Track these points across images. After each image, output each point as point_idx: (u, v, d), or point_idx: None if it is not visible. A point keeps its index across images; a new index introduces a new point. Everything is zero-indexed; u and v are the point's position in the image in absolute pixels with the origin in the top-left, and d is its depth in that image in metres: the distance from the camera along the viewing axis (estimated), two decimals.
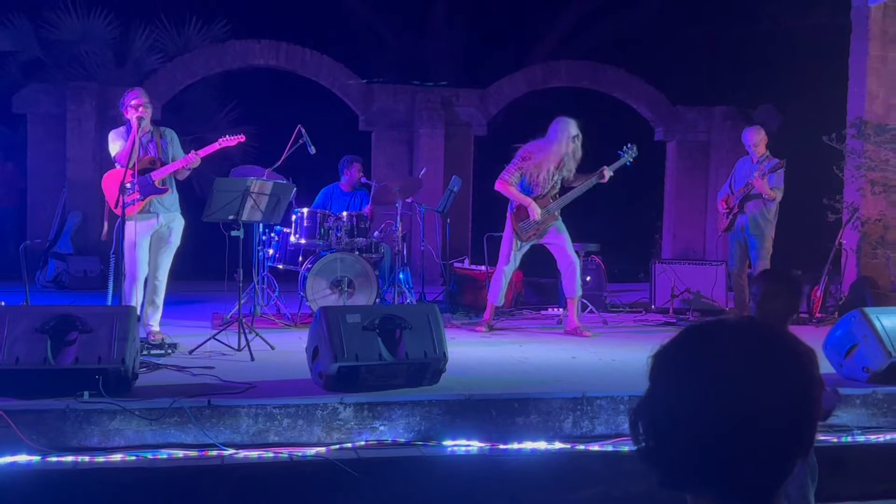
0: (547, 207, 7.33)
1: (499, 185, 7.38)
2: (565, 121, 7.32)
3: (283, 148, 7.59)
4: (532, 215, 7.28)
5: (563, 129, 7.29)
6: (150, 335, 6.38)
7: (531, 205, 7.28)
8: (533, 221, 7.31)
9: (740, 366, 1.16)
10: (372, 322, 4.99)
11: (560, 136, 7.27)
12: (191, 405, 4.47)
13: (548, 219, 7.36)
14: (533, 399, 4.89)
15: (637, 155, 7.49)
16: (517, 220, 7.35)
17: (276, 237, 8.09)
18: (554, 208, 7.37)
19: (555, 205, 7.37)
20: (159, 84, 11.57)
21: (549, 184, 7.36)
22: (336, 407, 4.64)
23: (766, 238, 8.07)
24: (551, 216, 7.38)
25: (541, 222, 7.32)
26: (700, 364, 1.17)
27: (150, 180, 6.34)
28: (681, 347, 1.21)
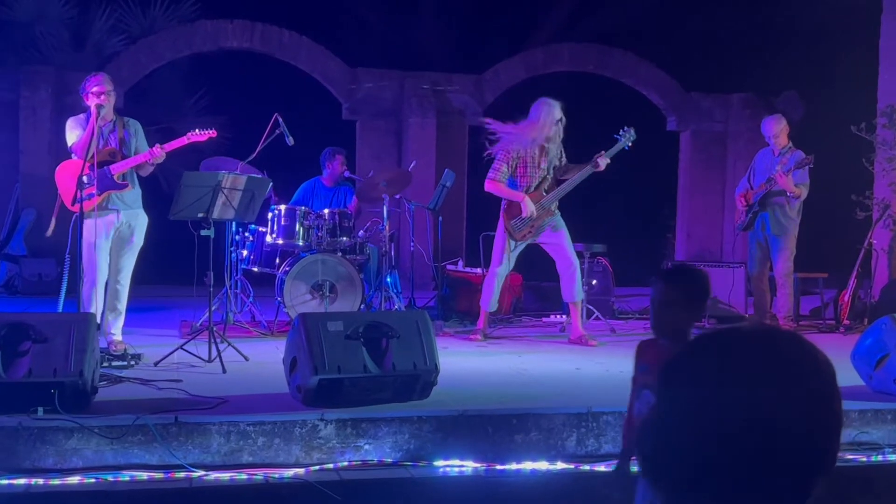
0: (540, 202, 7.34)
1: (489, 185, 7.42)
2: (548, 102, 7.37)
3: (258, 139, 7.58)
4: (524, 211, 7.29)
5: (547, 111, 7.31)
6: (111, 345, 6.36)
7: (523, 200, 7.30)
8: (526, 218, 7.32)
9: (756, 377, 1.16)
10: (356, 330, 4.98)
11: (543, 119, 7.29)
12: (156, 422, 4.45)
13: (542, 214, 7.37)
14: (533, 414, 4.88)
15: (635, 138, 7.48)
16: (509, 218, 7.37)
17: (250, 237, 8.08)
18: (548, 202, 7.39)
19: (548, 198, 7.39)
20: (122, 68, 11.55)
21: (537, 173, 7.37)
22: (316, 424, 4.63)
23: (789, 238, 8.09)
24: (546, 211, 7.39)
25: (535, 218, 7.33)
26: (712, 376, 1.17)
27: (108, 174, 6.32)
28: (691, 358, 1.21)
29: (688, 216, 13.39)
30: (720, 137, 13.33)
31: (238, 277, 8.06)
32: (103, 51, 12.14)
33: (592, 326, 8.29)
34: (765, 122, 8.30)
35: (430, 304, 9.08)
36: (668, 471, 1.17)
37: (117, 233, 6.47)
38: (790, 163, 7.98)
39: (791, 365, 1.18)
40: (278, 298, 7.78)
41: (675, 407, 1.19)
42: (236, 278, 8.02)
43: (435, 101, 12.22)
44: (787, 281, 8.17)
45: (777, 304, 8.35)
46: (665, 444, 1.18)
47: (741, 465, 1.13)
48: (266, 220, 7.85)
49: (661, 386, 1.22)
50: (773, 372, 1.16)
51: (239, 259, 8.06)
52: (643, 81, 13.23)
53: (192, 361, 6.06)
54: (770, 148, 8.27)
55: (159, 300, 9.40)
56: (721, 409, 1.15)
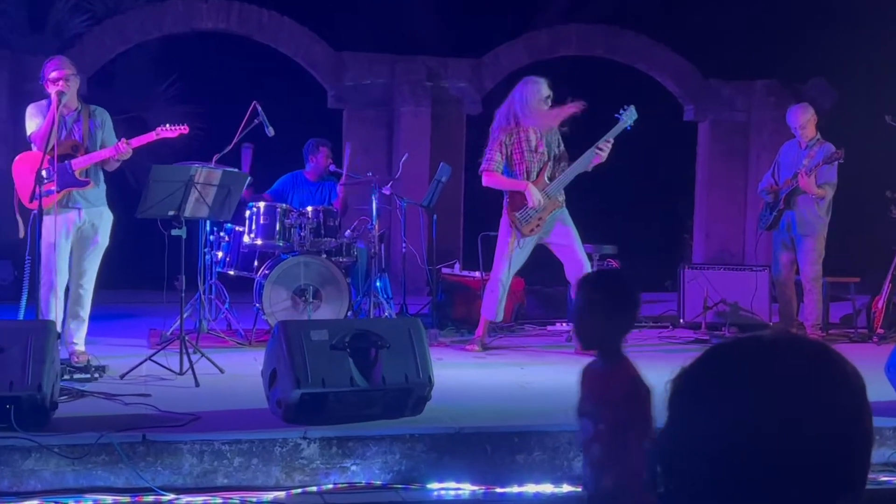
0: (545, 190, 7.34)
1: (486, 178, 7.43)
2: (532, 79, 7.43)
3: (234, 129, 7.57)
4: (530, 200, 7.28)
5: (533, 89, 7.34)
6: (73, 356, 6.35)
7: (528, 188, 7.29)
8: (532, 209, 7.31)
9: (778, 391, 1.16)
10: (342, 340, 4.98)
11: (529, 98, 7.31)
12: (122, 441, 4.45)
13: (550, 205, 7.37)
14: (536, 432, 4.89)
15: (637, 118, 7.47)
16: (514, 210, 7.36)
17: (226, 237, 8.08)
18: (553, 191, 7.39)
19: (554, 185, 7.39)
20: (85, 52, 11.53)
21: (536, 158, 7.37)
22: (298, 442, 4.62)
23: (818, 239, 8.10)
24: (553, 201, 7.39)
25: (542, 209, 7.32)
26: (729, 390, 1.17)
27: (69, 169, 6.31)
28: (706, 370, 1.21)
29: (706, 214, 13.40)
30: (742, 128, 13.34)
31: (212, 282, 8.05)
32: (64, 33, 12.12)
33: None
34: (791, 111, 8.32)
35: (424, 311, 9.07)
36: (682, 490, 1.17)
37: (79, 232, 6.46)
38: (818, 157, 7.99)
39: (816, 377, 1.18)
40: (256, 305, 7.78)
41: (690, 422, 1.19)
42: (210, 282, 8.02)
43: (430, 87, 12.22)
44: (815, 286, 8.18)
45: (804, 312, 8.35)
46: (678, 461, 1.17)
47: (760, 484, 1.13)
48: (243, 218, 7.85)
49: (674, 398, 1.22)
50: (797, 385, 1.16)
51: (213, 261, 8.05)
52: (658, 67, 13.24)
53: (162, 374, 6.06)
54: (796, 140, 8.27)
55: (126, 307, 9.39)
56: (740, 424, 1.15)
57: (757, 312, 8.99)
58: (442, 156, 10.73)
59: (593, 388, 3.11)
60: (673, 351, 7.91)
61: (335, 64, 12.34)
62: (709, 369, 1.22)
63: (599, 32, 13.14)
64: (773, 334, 1.24)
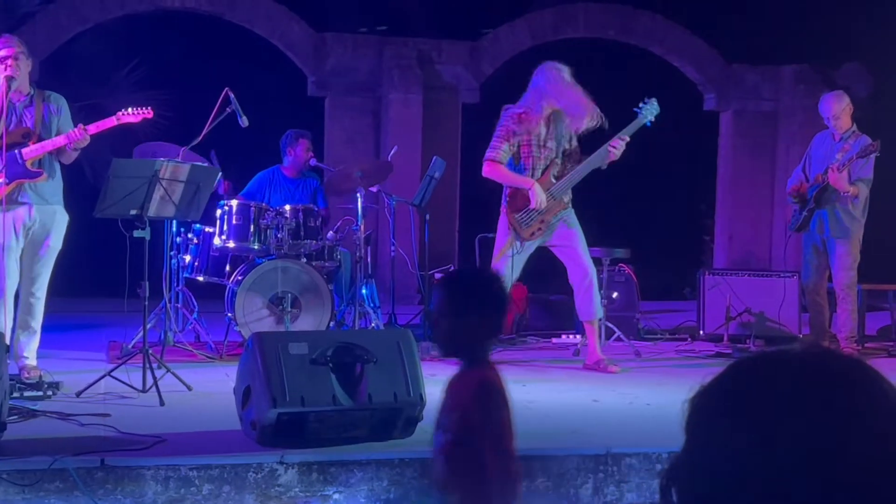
0: (550, 190, 7.34)
1: (487, 168, 7.38)
2: (553, 65, 7.38)
3: (204, 119, 7.57)
4: (533, 201, 7.28)
5: (555, 76, 7.32)
6: (23, 371, 6.34)
7: (533, 187, 7.28)
8: (535, 210, 7.31)
9: (808, 412, 1.16)
10: (323, 353, 4.98)
11: (552, 85, 7.28)
12: (78, 465, 4.44)
13: (554, 206, 7.36)
14: (540, 457, 4.89)
15: (658, 112, 7.48)
16: (513, 211, 7.36)
17: (194, 239, 8.08)
18: (559, 191, 7.37)
19: (559, 185, 7.37)
20: (37, 32, 11.54)
21: (544, 154, 7.36)
22: (275, 468, 4.62)
23: (852, 242, 8.11)
24: (558, 203, 7.38)
25: (545, 211, 7.32)
26: (753, 410, 1.17)
27: (19, 159, 6.30)
28: (727, 389, 1.21)
29: (729, 214, 13.43)
30: (769, 118, 13.38)
31: (179, 289, 8.06)
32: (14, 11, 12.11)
33: (613, 349, 8.31)
34: (823, 100, 8.33)
35: (415, 322, 9.08)
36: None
37: (30, 233, 6.45)
38: (853, 150, 8.00)
39: (850, 397, 1.18)
40: (228, 314, 7.78)
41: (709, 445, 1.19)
42: (177, 290, 8.02)
43: (421, 73, 12.24)
44: (849, 294, 8.19)
45: (837, 322, 8.37)
46: (696, 487, 1.18)
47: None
48: (213, 218, 7.85)
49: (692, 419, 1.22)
50: (829, 405, 1.16)
51: (180, 266, 8.06)
52: (675, 51, 13.28)
53: (123, 391, 6.05)
54: (830, 131, 8.29)
55: (82, 316, 9.38)
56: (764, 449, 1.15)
57: (785, 323, 9.01)
58: (435, 149, 10.74)
59: (447, 398, 3.12)
60: (692, 366, 7.92)
61: (316, 46, 12.36)
62: (730, 387, 1.22)
63: (610, 12, 13.17)
64: (802, 348, 1.24)
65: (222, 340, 7.83)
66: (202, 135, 7.55)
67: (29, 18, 11.83)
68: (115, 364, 6.41)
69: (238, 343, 7.68)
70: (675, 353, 8.60)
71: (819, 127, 8.61)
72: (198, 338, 8.04)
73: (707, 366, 7.96)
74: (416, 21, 13.77)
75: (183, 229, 8.06)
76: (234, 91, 7.56)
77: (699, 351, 8.67)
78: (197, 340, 8.00)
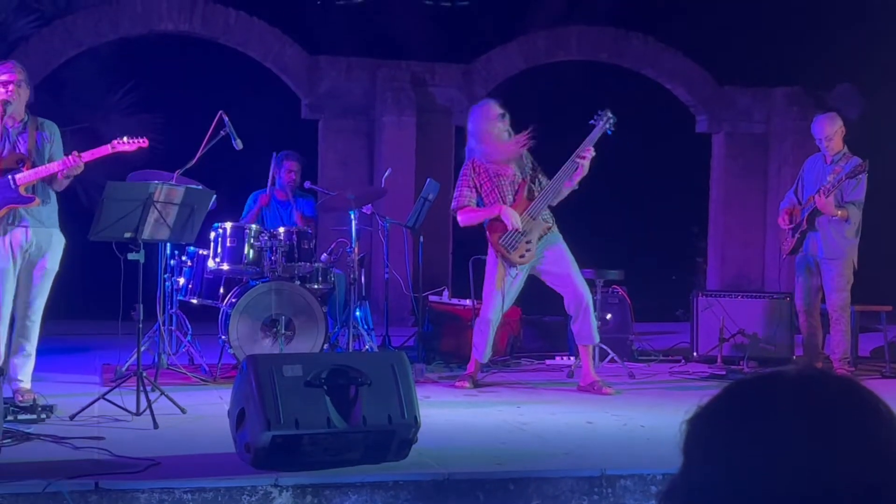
0: (527, 210, 7.39)
1: (461, 216, 7.64)
2: (480, 104, 7.74)
3: (198, 142, 7.59)
4: (507, 222, 7.34)
5: (481, 113, 7.57)
6: (17, 394, 6.33)
7: (502, 210, 7.38)
8: (514, 232, 7.36)
9: (806, 433, 1.16)
10: (318, 376, 4.99)
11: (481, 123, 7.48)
12: (72, 489, 4.44)
13: (534, 227, 7.40)
14: (535, 479, 4.89)
15: (616, 120, 7.55)
16: (497, 237, 7.41)
17: (188, 262, 8.09)
18: (536, 210, 7.43)
19: (534, 206, 7.43)
20: (31, 56, 11.54)
21: (507, 181, 7.48)
22: (269, 491, 4.62)
23: (846, 263, 8.13)
24: (537, 223, 7.42)
25: (528, 231, 7.37)
26: (751, 432, 1.17)
27: (12, 184, 6.31)
28: (725, 410, 1.22)
29: (722, 236, 13.45)
30: (761, 140, 13.42)
31: (173, 311, 8.05)
32: (8, 35, 12.13)
33: (607, 370, 8.31)
34: (816, 121, 8.36)
35: (409, 344, 9.09)
36: None
37: (25, 256, 6.45)
38: (844, 172, 8.03)
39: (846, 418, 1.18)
40: (222, 337, 7.77)
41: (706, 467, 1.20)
42: (171, 312, 8.02)
43: (414, 95, 12.27)
44: (842, 315, 8.21)
45: (831, 344, 8.39)
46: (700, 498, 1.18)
47: None
48: (207, 240, 7.86)
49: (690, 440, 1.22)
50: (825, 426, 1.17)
51: (174, 289, 8.06)
52: (667, 73, 13.33)
53: (117, 414, 6.04)
54: (822, 154, 8.32)
55: (76, 339, 9.36)
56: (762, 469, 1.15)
57: (778, 345, 9.01)
58: (429, 171, 10.77)
59: None
60: (686, 388, 7.92)
61: (310, 69, 12.39)
62: (727, 409, 1.22)
63: (603, 35, 13.22)
64: (798, 370, 1.24)
65: (216, 363, 7.83)
66: (196, 158, 7.56)
67: (22, 42, 11.84)
68: (108, 387, 6.41)
69: (232, 366, 7.68)
70: (668, 375, 8.60)
71: (811, 149, 8.64)
72: (191, 360, 8.03)
73: (701, 388, 8.00)
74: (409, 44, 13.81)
75: (177, 252, 8.07)
76: (228, 114, 7.58)
77: (693, 372, 8.67)
78: (191, 363, 7.99)
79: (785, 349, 9.01)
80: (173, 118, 11.79)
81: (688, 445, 1.23)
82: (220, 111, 7.56)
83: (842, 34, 13.29)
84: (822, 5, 13.98)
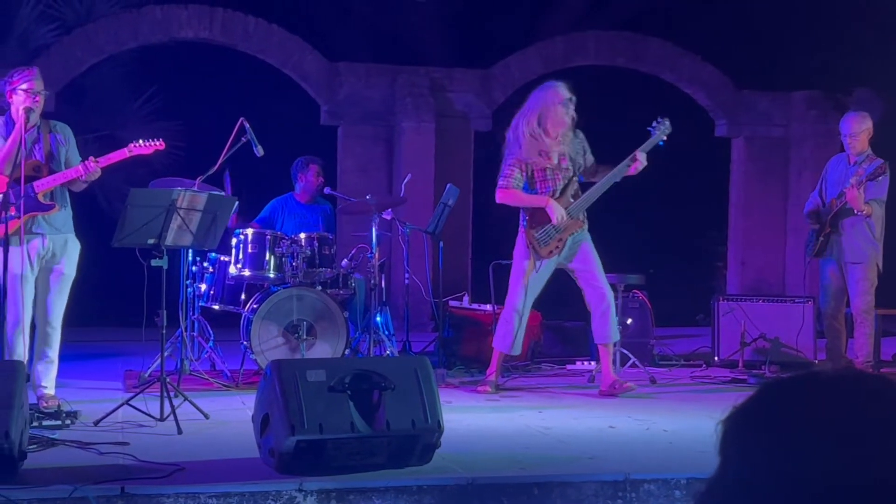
0: (567, 209, 7.37)
1: (500, 195, 7.45)
2: (548, 84, 7.49)
3: (218, 149, 7.61)
4: (553, 217, 7.30)
5: (550, 94, 7.39)
6: (41, 400, 6.36)
7: (549, 203, 7.32)
8: (553, 227, 7.33)
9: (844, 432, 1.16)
10: (341, 381, 4.99)
11: (547, 104, 7.34)
12: (98, 494, 4.45)
13: (571, 226, 7.39)
14: (558, 483, 4.88)
15: (671, 131, 7.52)
16: (533, 230, 7.39)
17: (210, 268, 8.11)
18: (576, 210, 7.41)
19: (577, 205, 7.41)
20: (53, 64, 11.60)
21: (560, 176, 7.40)
22: (294, 495, 4.62)
23: (870, 266, 8.11)
24: (575, 222, 7.42)
25: (563, 229, 7.35)
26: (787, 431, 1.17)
27: (31, 192, 6.33)
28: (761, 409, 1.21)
29: (742, 240, 13.41)
30: (780, 144, 13.38)
31: (195, 317, 8.07)
32: (30, 43, 12.20)
33: (628, 374, 8.29)
34: (845, 118, 8.30)
35: (429, 349, 9.08)
36: None
37: (43, 263, 6.48)
38: (867, 173, 8.01)
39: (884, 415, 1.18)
40: (244, 343, 7.79)
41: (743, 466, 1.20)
42: (193, 318, 8.03)
43: (434, 101, 12.28)
44: (867, 318, 8.18)
45: (854, 347, 8.35)
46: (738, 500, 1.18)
47: None
48: (229, 247, 7.88)
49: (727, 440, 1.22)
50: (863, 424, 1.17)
51: (196, 295, 8.08)
52: (686, 77, 13.30)
53: (141, 420, 6.06)
54: (845, 154, 8.29)
55: (99, 345, 9.39)
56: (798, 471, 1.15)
57: (801, 349, 8.98)
58: (448, 176, 10.77)
59: None
60: (707, 392, 7.90)
61: (329, 76, 12.41)
62: (765, 409, 1.22)
63: (621, 39, 13.21)
64: (834, 369, 1.24)
65: (238, 369, 7.84)
66: (217, 164, 7.58)
67: (44, 50, 11.90)
68: (132, 393, 6.42)
69: (254, 371, 7.70)
70: (690, 379, 8.58)
71: (832, 152, 8.62)
72: (213, 366, 8.05)
73: (722, 391, 7.99)
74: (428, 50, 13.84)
75: (198, 258, 8.08)
76: (248, 121, 7.60)
77: (714, 377, 8.65)
78: (213, 369, 8.01)
79: (807, 353, 8.98)
80: (193, 125, 11.84)
81: (724, 445, 1.23)
82: (242, 118, 7.57)
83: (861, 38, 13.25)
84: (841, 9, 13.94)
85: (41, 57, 11.67)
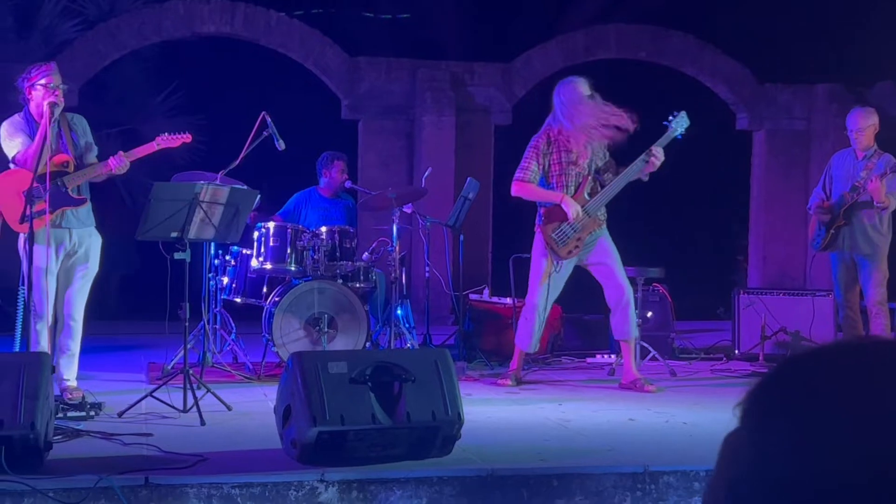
0: (584, 207, 7.34)
1: (516, 187, 7.42)
2: (569, 80, 7.42)
3: (240, 143, 7.65)
4: (569, 214, 7.29)
5: (571, 90, 7.35)
6: (65, 392, 6.41)
7: (564, 200, 7.30)
8: (570, 225, 7.32)
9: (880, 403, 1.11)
10: (362, 373, 5.02)
11: (569, 102, 7.31)
12: (123, 484, 4.50)
13: (589, 224, 7.37)
14: (578, 475, 4.91)
15: (689, 124, 7.49)
16: (550, 229, 7.37)
17: (232, 261, 8.15)
18: (594, 208, 7.38)
19: (594, 203, 7.37)
20: (76, 59, 11.68)
21: (575, 172, 7.36)
22: (315, 486, 4.66)
23: (881, 258, 8.11)
24: (593, 220, 7.39)
25: (580, 228, 7.34)
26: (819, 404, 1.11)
27: (62, 188, 6.39)
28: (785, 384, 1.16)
29: (763, 234, 13.39)
30: (802, 137, 13.34)
31: (218, 310, 8.11)
32: (54, 38, 12.27)
33: (648, 368, 8.31)
34: (852, 113, 8.31)
35: (450, 342, 9.10)
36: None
37: (68, 257, 6.53)
38: (878, 167, 8.01)
39: None
40: (266, 335, 7.84)
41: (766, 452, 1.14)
42: (215, 311, 8.08)
43: (454, 95, 12.30)
44: (881, 309, 8.17)
45: None
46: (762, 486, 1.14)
47: None
48: (251, 240, 7.92)
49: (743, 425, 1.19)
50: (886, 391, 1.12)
51: (219, 288, 8.12)
52: (707, 71, 13.28)
53: (164, 411, 6.11)
54: (850, 149, 8.30)
55: (122, 338, 9.45)
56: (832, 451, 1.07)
57: (820, 342, 8.96)
58: (468, 170, 10.80)
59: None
60: (727, 385, 7.90)
61: (350, 70, 12.45)
62: (789, 382, 1.14)
63: (642, 33, 13.19)
64: (855, 340, 1.21)
65: (260, 361, 7.88)
66: (239, 159, 7.61)
67: (67, 45, 11.97)
68: (155, 385, 6.48)
69: (275, 364, 7.74)
70: (710, 373, 8.58)
71: None
72: (235, 359, 8.10)
73: (743, 384, 7.96)
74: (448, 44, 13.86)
75: (220, 251, 8.12)
76: (271, 115, 7.63)
77: (734, 370, 8.65)
78: (235, 361, 8.06)
79: None
80: (215, 119, 11.89)
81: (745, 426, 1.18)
82: (263, 112, 7.60)
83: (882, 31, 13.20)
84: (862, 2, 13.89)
85: (64, 52, 11.75)
